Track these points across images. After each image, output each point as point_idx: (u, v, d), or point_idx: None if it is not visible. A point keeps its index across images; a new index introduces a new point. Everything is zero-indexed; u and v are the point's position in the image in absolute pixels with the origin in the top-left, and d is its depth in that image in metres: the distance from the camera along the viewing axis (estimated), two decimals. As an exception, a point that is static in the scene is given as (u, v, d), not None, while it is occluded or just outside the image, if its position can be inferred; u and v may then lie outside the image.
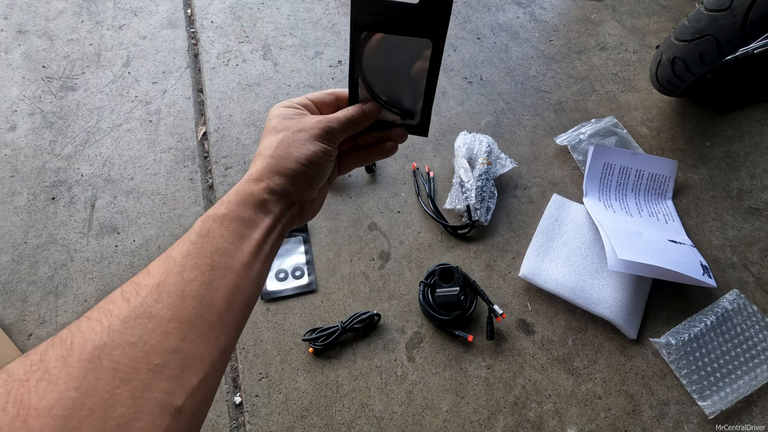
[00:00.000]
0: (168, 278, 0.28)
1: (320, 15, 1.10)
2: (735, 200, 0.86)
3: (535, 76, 1.02)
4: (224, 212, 0.31)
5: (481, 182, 0.80)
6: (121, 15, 1.08)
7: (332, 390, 0.67)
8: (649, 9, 1.15)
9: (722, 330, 0.71)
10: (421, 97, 0.38)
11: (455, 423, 0.65)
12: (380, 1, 0.32)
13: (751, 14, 0.68)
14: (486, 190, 0.81)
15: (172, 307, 0.27)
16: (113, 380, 0.23)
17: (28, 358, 0.24)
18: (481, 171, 0.81)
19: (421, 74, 0.36)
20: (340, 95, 0.39)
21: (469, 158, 0.84)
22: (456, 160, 0.84)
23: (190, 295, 0.28)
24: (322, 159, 0.35)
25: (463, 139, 0.85)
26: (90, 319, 0.26)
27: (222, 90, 0.97)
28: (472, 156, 0.84)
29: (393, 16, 0.33)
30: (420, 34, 0.34)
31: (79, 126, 0.91)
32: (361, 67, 0.36)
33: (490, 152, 0.84)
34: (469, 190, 0.79)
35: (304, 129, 0.35)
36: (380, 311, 0.72)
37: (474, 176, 0.80)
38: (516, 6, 1.14)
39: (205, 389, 0.27)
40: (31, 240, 0.78)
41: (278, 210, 0.33)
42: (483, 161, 0.82)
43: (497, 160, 0.85)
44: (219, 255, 0.29)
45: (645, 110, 0.97)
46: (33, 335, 0.70)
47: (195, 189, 0.84)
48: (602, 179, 0.85)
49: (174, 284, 0.28)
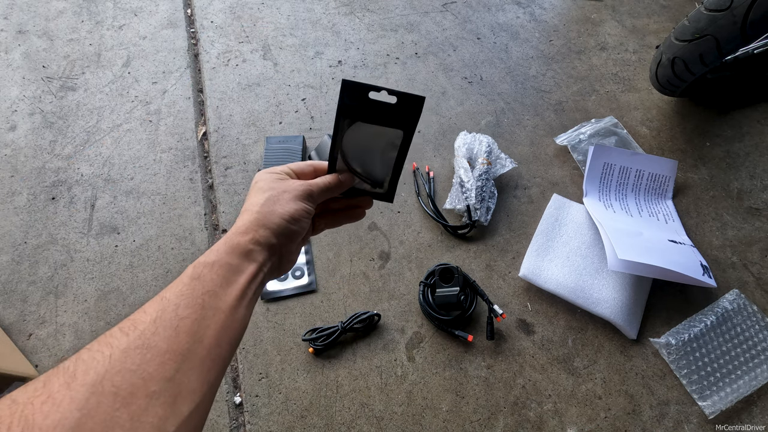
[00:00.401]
0: (164, 315, 0.30)
1: (320, 15, 1.10)
2: (735, 200, 0.86)
3: (535, 76, 1.02)
4: (214, 259, 0.34)
5: (481, 182, 0.80)
6: (121, 15, 1.08)
7: (332, 390, 0.67)
8: (649, 9, 1.15)
9: (722, 330, 0.71)
10: (390, 172, 0.44)
11: (455, 423, 0.65)
12: (364, 98, 0.39)
13: (751, 14, 0.68)
14: (486, 190, 0.81)
15: (167, 340, 0.29)
16: (114, 403, 0.25)
17: (32, 385, 0.26)
18: (481, 171, 0.81)
19: (391, 155, 0.43)
20: (318, 167, 0.44)
21: (469, 158, 0.84)
22: (456, 160, 0.84)
23: (184, 330, 0.30)
24: (303, 216, 0.39)
25: (463, 139, 0.85)
26: (91, 350, 0.28)
27: (222, 90, 0.97)
28: (472, 156, 0.84)
29: (374, 110, 0.40)
30: (394, 126, 0.41)
31: (79, 126, 0.91)
32: (341, 144, 0.42)
33: (490, 152, 0.84)
34: (469, 190, 0.79)
35: (288, 190, 0.39)
36: (380, 311, 0.72)
37: (474, 176, 0.80)
38: (516, 6, 1.14)
39: (195, 421, 0.29)
40: (31, 240, 0.78)
41: (262, 259, 0.36)
42: (483, 161, 0.82)
43: (497, 160, 0.85)
44: (209, 296, 0.32)
45: (645, 110, 0.97)
46: (33, 335, 0.70)
47: (195, 189, 0.84)
48: (602, 179, 0.85)
49: (169, 320, 0.30)
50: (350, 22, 1.09)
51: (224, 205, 0.83)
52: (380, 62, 1.02)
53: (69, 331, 0.71)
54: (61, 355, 0.69)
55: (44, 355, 0.69)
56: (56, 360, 0.69)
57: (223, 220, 0.81)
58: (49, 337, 0.70)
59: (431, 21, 1.11)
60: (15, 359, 0.66)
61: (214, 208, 0.83)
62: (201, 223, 0.81)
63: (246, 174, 0.86)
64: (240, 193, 0.84)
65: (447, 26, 1.10)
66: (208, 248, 0.36)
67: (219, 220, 0.81)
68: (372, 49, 1.04)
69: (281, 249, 0.39)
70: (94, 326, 0.71)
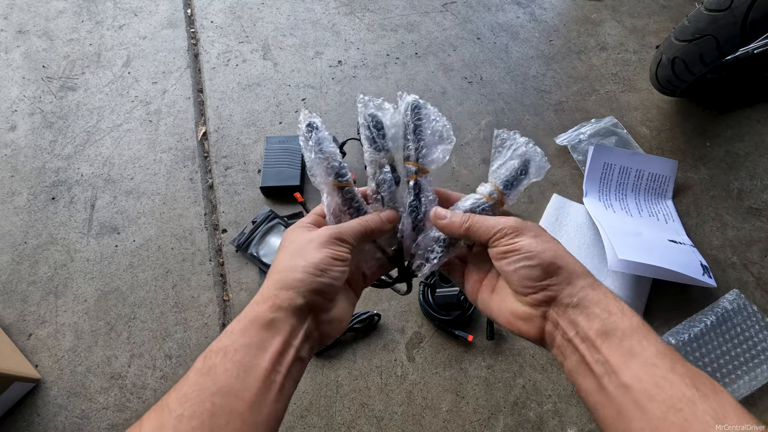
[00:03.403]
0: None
1: (320, 15, 1.10)
2: (735, 200, 0.86)
3: (535, 76, 1.02)
4: (227, 343, 0.28)
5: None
6: (121, 15, 1.08)
7: (332, 390, 0.67)
8: (649, 9, 1.15)
9: (722, 330, 0.71)
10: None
11: (455, 423, 0.65)
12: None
13: (751, 14, 0.68)
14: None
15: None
16: None
17: None
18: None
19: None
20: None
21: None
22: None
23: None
24: (331, 264, 0.32)
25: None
26: None
27: (222, 90, 0.97)
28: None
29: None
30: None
31: (79, 126, 0.91)
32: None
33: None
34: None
35: (313, 239, 0.33)
36: (380, 311, 0.72)
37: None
38: (516, 6, 1.14)
39: None
40: (31, 240, 0.78)
41: (288, 328, 0.30)
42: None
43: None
44: (221, 397, 0.26)
45: (645, 110, 0.97)
46: (33, 335, 0.70)
47: (195, 189, 0.84)
48: (602, 179, 0.85)
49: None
50: (350, 22, 1.09)
51: (224, 205, 0.83)
52: (380, 62, 1.02)
53: (69, 331, 0.71)
54: (61, 356, 0.69)
55: (44, 355, 0.69)
56: (56, 360, 0.69)
57: (223, 220, 0.81)
58: (49, 337, 0.70)
59: (431, 21, 1.11)
60: (15, 359, 0.66)
61: (214, 208, 0.83)
62: (201, 223, 0.81)
63: (246, 174, 0.86)
64: (240, 192, 0.84)
65: (447, 26, 1.10)
66: (208, 248, 0.33)
67: (219, 220, 0.81)
68: (372, 49, 1.04)
69: (314, 310, 0.31)
70: (94, 326, 0.71)
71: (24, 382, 0.65)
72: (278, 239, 0.78)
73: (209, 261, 0.76)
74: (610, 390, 0.27)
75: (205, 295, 0.74)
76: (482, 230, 0.34)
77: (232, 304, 0.74)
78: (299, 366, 0.30)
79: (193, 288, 0.74)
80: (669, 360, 0.27)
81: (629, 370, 0.27)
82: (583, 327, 0.30)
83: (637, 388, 0.26)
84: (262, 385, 0.27)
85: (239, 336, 0.28)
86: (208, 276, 0.75)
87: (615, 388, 0.27)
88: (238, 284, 0.75)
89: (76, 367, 0.68)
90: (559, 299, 0.31)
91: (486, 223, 0.34)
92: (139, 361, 0.69)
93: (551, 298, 0.31)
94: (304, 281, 0.31)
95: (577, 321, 0.30)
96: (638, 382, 0.26)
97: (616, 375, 0.27)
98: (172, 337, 0.71)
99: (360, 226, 0.35)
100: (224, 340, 0.28)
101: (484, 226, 0.34)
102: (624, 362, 0.27)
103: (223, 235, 0.80)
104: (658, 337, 0.29)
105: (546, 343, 0.33)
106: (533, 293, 0.32)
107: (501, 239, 0.33)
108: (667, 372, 0.26)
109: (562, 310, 0.31)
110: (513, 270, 0.32)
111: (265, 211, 0.80)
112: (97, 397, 0.66)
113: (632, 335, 0.28)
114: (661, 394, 0.26)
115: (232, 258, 0.77)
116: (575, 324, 0.30)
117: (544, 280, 0.31)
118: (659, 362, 0.27)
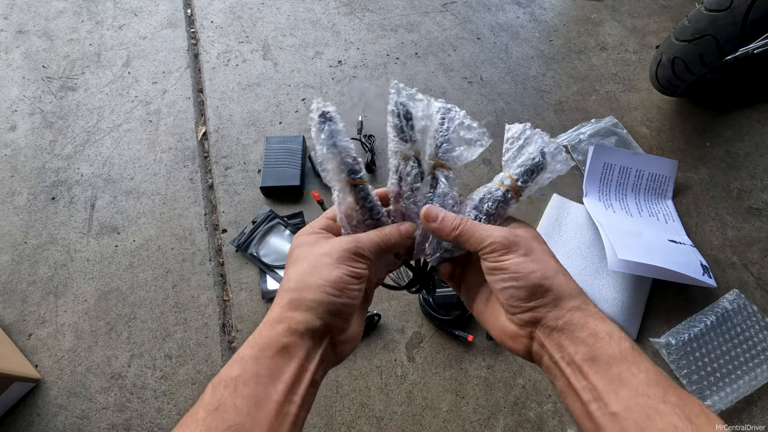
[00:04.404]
0: None
1: (320, 15, 1.10)
2: (735, 200, 0.86)
3: (535, 76, 1.02)
4: (238, 372, 0.26)
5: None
6: (121, 15, 1.08)
7: (332, 390, 0.67)
8: (649, 9, 1.15)
9: (722, 330, 0.71)
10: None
11: (455, 423, 0.65)
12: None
13: (751, 14, 0.68)
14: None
15: None
16: None
17: None
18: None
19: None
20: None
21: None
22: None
23: None
24: (349, 283, 0.30)
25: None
26: None
27: (222, 90, 0.97)
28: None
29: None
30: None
31: (79, 126, 0.91)
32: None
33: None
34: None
35: (328, 252, 0.30)
36: (380, 311, 0.72)
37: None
38: (516, 6, 1.14)
39: None
40: (31, 240, 0.78)
41: (303, 353, 0.28)
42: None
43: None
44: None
45: (645, 110, 0.97)
46: (33, 335, 0.70)
47: (195, 189, 0.84)
48: (602, 179, 0.85)
49: None
50: (350, 22, 1.09)
51: (224, 205, 0.83)
52: (380, 62, 1.02)
53: (69, 331, 0.71)
54: (61, 356, 0.69)
55: (44, 355, 0.69)
56: (56, 360, 0.69)
57: (222, 220, 0.81)
58: (49, 337, 0.70)
59: (431, 21, 1.11)
60: (15, 359, 0.66)
61: (214, 208, 0.83)
62: (201, 223, 0.81)
63: (246, 174, 0.86)
64: (240, 192, 0.84)
65: (447, 26, 1.10)
66: (208, 248, 0.32)
67: (219, 220, 0.81)
68: (372, 49, 1.04)
69: (330, 332, 0.30)
70: (94, 326, 0.71)
71: (24, 382, 0.65)
72: (278, 239, 0.78)
73: (209, 261, 0.76)
74: (598, 417, 0.27)
75: (205, 295, 0.74)
76: (472, 240, 0.32)
77: (232, 304, 0.74)
78: (313, 392, 0.29)
79: (193, 288, 0.74)
80: (660, 389, 0.26)
81: (618, 398, 0.26)
82: (569, 351, 0.29)
83: (627, 419, 0.26)
84: (275, 419, 0.26)
85: (251, 364, 0.27)
86: (208, 276, 0.75)
87: (602, 415, 0.27)
88: (238, 284, 0.75)
89: (76, 367, 0.68)
90: (545, 322, 0.30)
91: (477, 233, 0.32)
92: (139, 361, 0.69)
93: (537, 319, 0.31)
94: (321, 302, 0.29)
95: (563, 345, 0.30)
96: (628, 413, 0.26)
97: (604, 403, 0.27)
98: (172, 337, 0.71)
99: (379, 239, 0.33)
100: (235, 367, 0.27)
101: (474, 237, 0.32)
102: (612, 390, 0.27)
103: (223, 235, 0.80)
104: (649, 362, 0.28)
105: (535, 361, 0.32)
106: (519, 313, 0.31)
107: (490, 254, 0.31)
108: (658, 403, 0.26)
109: (547, 333, 0.30)
110: (500, 288, 0.31)
111: (265, 211, 0.80)
112: (97, 397, 0.66)
113: (621, 362, 0.28)
114: (651, 426, 0.25)
115: (232, 258, 0.77)
116: (561, 347, 0.30)
117: (530, 302, 0.30)
118: (650, 391, 0.26)
